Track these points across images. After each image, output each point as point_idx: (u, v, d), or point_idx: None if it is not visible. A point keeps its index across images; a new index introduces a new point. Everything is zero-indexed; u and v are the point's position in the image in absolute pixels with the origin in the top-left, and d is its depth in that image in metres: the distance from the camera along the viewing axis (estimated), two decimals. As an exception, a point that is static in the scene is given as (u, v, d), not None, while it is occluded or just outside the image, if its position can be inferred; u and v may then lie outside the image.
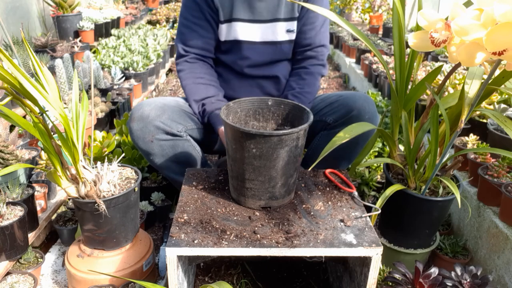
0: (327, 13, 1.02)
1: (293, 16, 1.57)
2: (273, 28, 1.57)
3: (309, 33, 1.59)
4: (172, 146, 1.49)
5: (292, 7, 1.55)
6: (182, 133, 1.51)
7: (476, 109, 1.17)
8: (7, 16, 3.34)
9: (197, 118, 1.61)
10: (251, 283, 1.40)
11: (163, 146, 1.48)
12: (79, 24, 4.14)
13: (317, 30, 1.59)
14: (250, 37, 1.58)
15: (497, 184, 1.42)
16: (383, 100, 2.72)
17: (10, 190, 1.46)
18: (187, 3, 1.56)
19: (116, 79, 3.20)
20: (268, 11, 1.54)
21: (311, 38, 1.60)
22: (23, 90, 1.13)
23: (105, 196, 1.31)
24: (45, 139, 1.22)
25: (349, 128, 1.12)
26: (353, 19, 7.34)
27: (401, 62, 1.24)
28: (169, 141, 1.48)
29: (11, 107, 2.18)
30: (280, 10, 1.54)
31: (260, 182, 1.10)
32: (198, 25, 1.55)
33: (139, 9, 6.45)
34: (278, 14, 1.55)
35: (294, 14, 1.57)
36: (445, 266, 1.31)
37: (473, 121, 1.89)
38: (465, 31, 0.81)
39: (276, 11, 1.54)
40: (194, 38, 1.56)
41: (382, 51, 3.95)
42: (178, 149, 1.50)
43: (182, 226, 1.07)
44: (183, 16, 1.58)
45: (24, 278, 1.39)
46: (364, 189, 1.83)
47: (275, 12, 1.55)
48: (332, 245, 1.00)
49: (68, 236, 1.65)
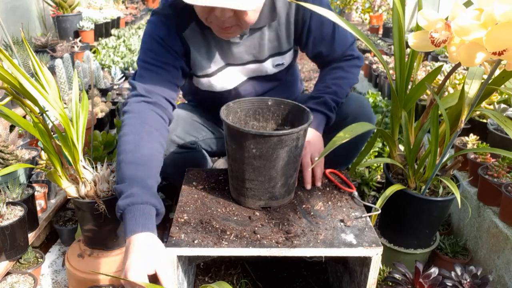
0: (327, 13, 1.02)
1: (281, 50, 1.39)
2: (256, 67, 1.41)
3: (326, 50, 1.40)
4: (184, 158, 1.45)
5: (278, 41, 1.36)
6: (194, 145, 1.49)
7: (476, 109, 1.17)
8: (7, 16, 3.34)
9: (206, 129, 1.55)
10: (251, 283, 1.40)
11: (175, 158, 1.43)
12: (79, 24, 4.15)
13: (331, 41, 1.37)
14: (232, 83, 1.43)
15: (497, 184, 1.42)
16: (383, 100, 2.72)
17: (10, 190, 1.46)
18: (153, 47, 1.28)
19: (116, 79, 3.20)
20: (249, 53, 1.36)
21: (332, 53, 1.41)
22: (23, 90, 1.13)
23: (105, 196, 1.31)
24: (45, 139, 1.22)
25: (349, 128, 1.12)
26: (353, 19, 7.35)
27: (401, 62, 1.24)
28: (182, 154, 1.45)
29: (11, 107, 2.18)
30: (263, 48, 1.36)
31: (260, 182, 1.10)
32: (165, 69, 1.29)
33: (139, 9, 6.45)
34: (261, 55, 1.37)
35: (282, 48, 1.38)
36: (445, 266, 1.31)
37: (473, 121, 1.89)
38: (465, 31, 0.81)
39: (258, 51, 1.36)
40: (159, 81, 1.27)
41: (382, 51, 3.95)
42: (188, 159, 1.47)
43: (182, 226, 1.07)
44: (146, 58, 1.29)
45: (24, 278, 1.39)
46: (364, 189, 1.83)
47: (257, 53, 1.37)
48: (332, 245, 1.00)
49: (68, 236, 1.65)
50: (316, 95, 1.39)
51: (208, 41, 1.33)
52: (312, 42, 1.37)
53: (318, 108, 1.36)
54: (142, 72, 1.28)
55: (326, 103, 1.37)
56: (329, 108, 1.37)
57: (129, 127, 1.17)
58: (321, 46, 1.38)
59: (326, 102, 1.37)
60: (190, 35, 1.31)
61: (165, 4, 1.29)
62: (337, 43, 1.38)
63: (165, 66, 1.28)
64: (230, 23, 1.15)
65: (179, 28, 1.29)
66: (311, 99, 1.39)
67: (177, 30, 1.29)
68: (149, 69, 1.27)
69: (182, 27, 1.29)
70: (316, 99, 1.38)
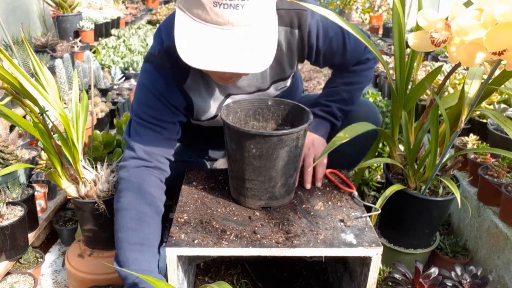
0: (327, 13, 1.02)
1: (284, 76, 1.31)
2: (259, 94, 1.33)
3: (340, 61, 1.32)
4: (182, 169, 1.39)
5: (281, 69, 1.27)
6: (192, 158, 1.48)
7: (476, 109, 1.17)
8: (7, 16, 3.34)
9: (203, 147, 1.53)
10: (251, 283, 1.40)
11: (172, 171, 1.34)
12: (79, 24, 4.15)
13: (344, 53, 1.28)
14: None
15: (497, 184, 1.42)
16: (383, 100, 2.72)
17: (10, 190, 1.46)
18: (151, 103, 1.18)
19: (116, 79, 3.20)
20: (251, 85, 1.29)
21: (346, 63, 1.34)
22: (23, 90, 1.13)
23: (105, 196, 1.31)
24: (45, 139, 1.22)
25: (349, 128, 1.12)
26: (353, 19, 7.35)
27: (401, 62, 1.24)
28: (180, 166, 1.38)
29: (11, 107, 2.18)
30: (266, 78, 1.28)
31: (260, 182, 1.10)
32: (164, 128, 1.20)
33: (139, 9, 6.45)
34: (264, 84, 1.30)
35: (285, 74, 1.31)
36: (445, 266, 1.31)
37: (473, 121, 1.89)
38: (465, 31, 0.81)
39: (260, 82, 1.29)
40: (158, 141, 1.18)
41: (382, 51, 3.95)
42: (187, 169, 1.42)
43: (182, 226, 1.07)
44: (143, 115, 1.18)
45: (24, 278, 1.39)
46: (364, 189, 1.83)
47: (260, 84, 1.29)
48: (332, 245, 1.00)
49: (68, 236, 1.65)
50: (324, 102, 1.38)
51: (209, 79, 1.22)
52: (322, 59, 1.29)
53: (325, 116, 1.36)
54: (139, 130, 1.17)
55: (333, 113, 1.37)
56: (336, 117, 1.38)
57: (128, 199, 1.10)
58: (333, 60, 1.31)
59: (333, 112, 1.37)
60: (190, 85, 1.21)
61: (159, 51, 1.16)
62: (350, 53, 1.29)
63: (164, 125, 1.19)
64: (231, 74, 1.07)
65: (179, 80, 1.19)
66: (319, 105, 1.38)
67: (177, 83, 1.19)
68: (147, 127, 1.17)
69: (182, 78, 1.19)
70: (324, 107, 1.37)
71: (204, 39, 0.92)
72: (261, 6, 0.92)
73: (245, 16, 0.90)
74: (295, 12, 1.15)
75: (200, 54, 0.91)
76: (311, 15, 1.16)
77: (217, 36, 0.91)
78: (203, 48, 0.91)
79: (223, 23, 0.90)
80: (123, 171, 1.16)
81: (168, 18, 1.18)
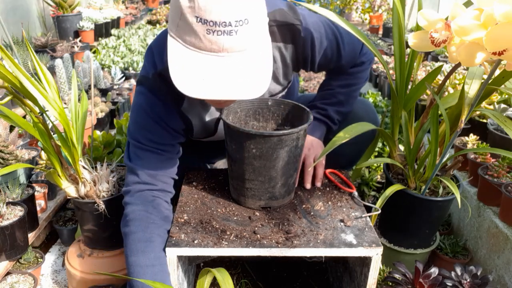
0: (327, 13, 1.02)
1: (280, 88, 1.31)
2: None
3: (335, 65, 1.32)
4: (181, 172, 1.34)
5: (277, 82, 1.27)
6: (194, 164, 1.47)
7: (476, 109, 1.17)
8: (7, 16, 3.34)
9: None
10: (251, 283, 1.40)
11: None
12: (79, 24, 4.15)
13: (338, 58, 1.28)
14: None
15: (497, 184, 1.42)
16: (383, 100, 2.72)
17: (10, 190, 1.46)
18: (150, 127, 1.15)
19: (116, 79, 3.20)
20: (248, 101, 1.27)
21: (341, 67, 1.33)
22: (23, 90, 1.13)
23: (105, 196, 1.31)
24: (45, 139, 1.22)
25: (349, 128, 1.12)
26: (353, 19, 7.35)
27: (401, 62, 1.24)
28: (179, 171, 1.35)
29: (11, 107, 2.18)
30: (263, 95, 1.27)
31: (260, 182, 1.10)
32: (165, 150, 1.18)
33: (139, 9, 6.46)
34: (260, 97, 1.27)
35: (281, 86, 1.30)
36: (445, 266, 1.31)
37: (473, 121, 1.89)
38: (465, 31, 0.81)
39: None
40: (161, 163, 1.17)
41: (382, 51, 3.95)
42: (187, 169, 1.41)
43: (182, 226, 1.07)
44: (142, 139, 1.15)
45: (24, 278, 1.39)
46: (364, 189, 1.82)
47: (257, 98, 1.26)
48: (332, 245, 1.00)
49: (68, 236, 1.65)
50: (320, 105, 1.38)
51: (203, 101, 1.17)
52: (318, 68, 1.28)
53: (321, 118, 1.37)
54: (140, 153, 1.15)
55: (329, 116, 1.37)
56: (332, 120, 1.38)
57: (136, 223, 1.08)
58: (329, 66, 1.31)
59: (329, 115, 1.37)
60: (188, 108, 1.19)
61: (153, 75, 1.13)
62: (345, 58, 1.29)
63: (165, 148, 1.17)
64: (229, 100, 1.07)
65: (176, 104, 1.17)
66: (314, 108, 1.38)
67: (175, 106, 1.17)
68: (148, 150, 1.15)
69: (179, 101, 1.17)
70: (320, 109, 1.38)
71: (199, 67, 0.89)
72: (255, 30, 0.91)
73: (240, 41, 0.88)
74: (288, 27, 1.14)
75: (196, 83, 0.89)
76: (304, 29, 1.14)
77: (212, 63, 0.89)
78: (199, 77, 0.89)
79: (218, 50, 0.88)
80: (128, 196, 1.14)
81: (159, 39, 1.15)
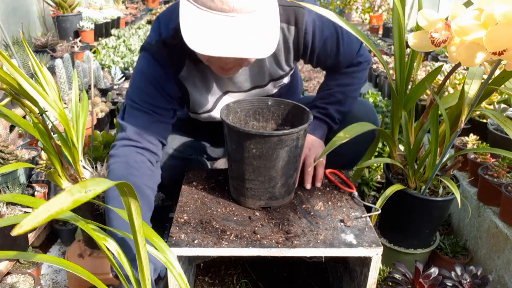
0: (327, 13, 1.02)
1: (281, 74, 1.33)
2: (258, 91, 1.35)
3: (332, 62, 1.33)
4: (181, 168, 1.39)
5: (278, 65, 1.29)
6: (192, 155, 1.47)
7: (476, 109, 1.17)
8: (8, 17, 3.34)
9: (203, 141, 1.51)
10: (251, 283, 1.40)
11: (172, 170, 1.38)
12: (79, 24, 4.15)
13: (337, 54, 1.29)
14: None
15: (497, 184, 1.42)
16: (383, 100, 2.72)
17: (10, 190, 1.46)
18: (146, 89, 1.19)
19: (116, 79, 3.20)
20: (249, 81, 1.31)
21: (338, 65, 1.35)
22: (22, 91, 1.13)
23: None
24: (45, 139, 1.22)
25: (349, 128, 1.12)
26: (353, 19, 7.35)
27: (401, 62, 1.24)
28: (179, 165, 1.40)
29: (11, 107, 2.18)
30: (263, 75, 1.30)
31: (260, 182, 1.10)
32: (157, 112, 1.21)
33: (139, 9, 6.46)
34: (262, 80, 1.32)
35: (283, 71, 1.32)
36: (445, 266, 1.31)
37: (473, 121, 1.89)
38: (465, 31, 0.81)
39: (258, 78, 1.30)
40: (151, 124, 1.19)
41: (382, 51, 3.95)
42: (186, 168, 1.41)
43: (182, 226, 1.07)
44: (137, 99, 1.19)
45: (24, 278, 1.39)
46: (364, 189, 1.82)
47: (258, 80, 1.31)
48: (332, 245, 1.00)
49: (68, 236, 1.65)
50: (320, 105, 1.38)
51: (205, 73, 1.25)
52: (316, 60, 1.30)
53: (322, 118, 1.37)
54: (133, 112, 1.19)
55: (330, 115, 1.37)
56: (333, 119, 1.38)
57: (116, 172, 1.11)
58: (326, 61, 1.32)
59: (330, 114, 1.37)
60: (186, 76, 1.23)
61: (157, 41, 1.18)
62: (343, 55, 1.30)
63: (158, 110, 1.20)
64: (233, 63, 1.08)
65: (174, 70, 1.21)
66: (315, 108, 1.38)
67: (172, 72, 1.21)
68: (141, 110, 1.19)
69: (177, 68, 1.21)
70: (320, 109, 1.38)
71: (210, 26, 0.94)
72: None
73: (250, 2, 0.93)
74: (293, 9, 1.17)
75: (206, 41, 0.94)
76: (308, 13, 1.17)
77: (223, 23, 0.94)
78: (209, 35, 0.94)
79: (228, 10, 0.93)
80: (112, 150, 1.18)
81: (168, 9, 1.21)
